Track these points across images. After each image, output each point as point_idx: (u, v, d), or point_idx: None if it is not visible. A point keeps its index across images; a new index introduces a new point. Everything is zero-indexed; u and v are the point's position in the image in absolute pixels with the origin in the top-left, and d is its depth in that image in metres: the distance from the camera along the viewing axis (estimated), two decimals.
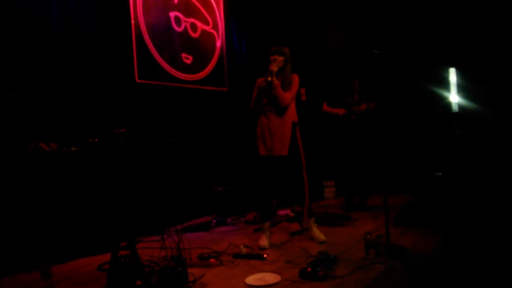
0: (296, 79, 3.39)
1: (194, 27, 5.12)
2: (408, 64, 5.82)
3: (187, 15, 5.02)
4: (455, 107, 5.99)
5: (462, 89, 5.94)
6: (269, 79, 3.21)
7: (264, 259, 3.00)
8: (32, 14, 3.45)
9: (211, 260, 2.97)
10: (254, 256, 3.06)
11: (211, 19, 5.39)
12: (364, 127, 4.65)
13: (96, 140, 2.63)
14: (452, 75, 6.00)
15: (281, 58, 3.31)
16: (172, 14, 4.81)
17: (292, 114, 3.40)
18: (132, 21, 4.30)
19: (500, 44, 5.41)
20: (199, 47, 5.19)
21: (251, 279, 2.58)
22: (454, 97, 5.99)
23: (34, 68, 3.42)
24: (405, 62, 5.78)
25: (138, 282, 2.42)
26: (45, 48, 3.33)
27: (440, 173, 5.60)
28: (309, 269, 2.56)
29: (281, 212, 4.53)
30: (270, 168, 3.39)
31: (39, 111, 3.38)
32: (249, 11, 6.04)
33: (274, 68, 3.25)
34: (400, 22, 5.94)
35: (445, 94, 6.00)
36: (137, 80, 4.30)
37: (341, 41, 6.34)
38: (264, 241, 3.34)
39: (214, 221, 4.37)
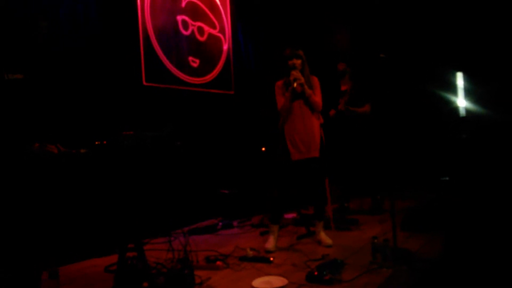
0: (317, 80, 3.42)
1: (201, 30, 5.15)
2: (416, 68, 5.81)
3: (194, 18, 5.05)
4: (462, 112, 5.97)
5: (470, 94, 5.92)
6: (295, 85, 3.22)
7: (270, 262, 2.99)
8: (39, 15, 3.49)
9: (218, 262, 2.97)
10: (261, 259, 3.06)
11: (218, 23, 5.42)
12: (356, 128, 4.58)
13: (104, 142, 2.65)
14: (460, 80, 5.98)
15: (299, 61, 3.31)
16: (179, 18, 4.84)
17: (318, 116, 3.43)
18: (140, 25, 4.34)
19: (507, 49, 5.39)
20: (206, 51, 5.21)
21: (257, 282, 2.58)
22: (461, 102, 5.96)
23: (42, 68, 3.46)
24: (412, 66, 5.77)
25: (145, 284, 2.43)
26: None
27: (447, 178, 5.57)
28: (316, 273, 2.56)
29: (288, 216, 4.52)
30: (300, 172, 3.38)
31: (48, 113, 3.41)
32: (256, 15, 6.07)
33: (299, 75, 3.24)
34: (408, 26, 5.94)
35: (453, 98, 5.98)
36: (145, 83, 4.33)
37: (348, 44, 6.34)
38: (270, 244, 3.33)
39: (220, 223, 4.37)
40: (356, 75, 4.73)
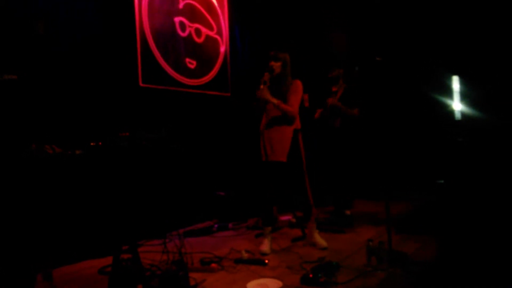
0: (299, 85, 3.37)
1: (198, 32, 5.15)
2: (412, 71, 5.83)
3: (192, 20, 5.05)
4: (458, 115, 5.99)
5: (465, 97, 5.94)
6: (261, 87, 3.23)
7: (265, 264, 2.99)
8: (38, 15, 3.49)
9: (213, 265, 2.97)
10: (256, 262, 3.05)
11: (215, 25, 5.42)
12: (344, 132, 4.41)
13: (100, 143, 2.65)
14: (455, 83, 6.00)
15: (278, 64, 3.31)
16: (176, 19, 4.84)
17: (292, 121, 3.36)
18: (137, 26, 4.33)
19: (503, 52, 5.42)
20: (203, 52, 5.21)
21: (252, 285, 2.58)
22: (457, 105, 5.99)
23: (38, 68, 3.45)
24: (408, 70, 5.79)
25: (140, 286, 2.42)
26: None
27: (442, 181, 5.58)
28: (311, 275, 2.56)
29: (283, 218, 4.52)
30: (270, 174, 3.39)
31: (43, 113, 3.40)
32: (253, 17, 6.08)
33: (266, 77, 3.25)
34: (404, 29, 5.96)
35: (448, 101, 6.00)
36: (141, 84, 4.33)
37: (344, 48, 6.36)
38: (265, 247, 3.33)
39: (215, 225, 4.36)
40: (349, 77, 4.68)
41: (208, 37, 5.30)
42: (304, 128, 3.50)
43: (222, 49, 5.53)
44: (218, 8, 5.49)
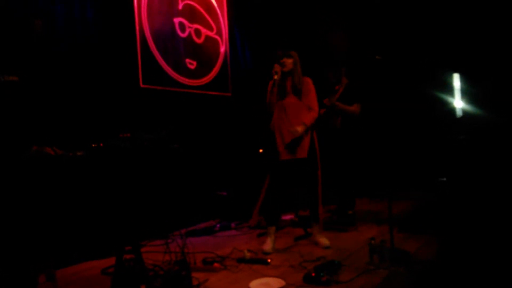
0: (310, 83, 3.43)
1: (198, 33, 5.15)
2: (412, 69, 5.83)
3: (192, 21, 5.06)
4: (459, 112, 5.99)
5: (466, 95, 5.94)
6: (275, 77, 3.26)
7: (268, 263, 2.99)
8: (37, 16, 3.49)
9: (215, 264, 2.97)
10: (258, 261, 3.06)
11: (215, 25, 5.43)
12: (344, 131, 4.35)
13: (101, 145, 2.65)
14: (456, 81, 6.00)
15: (290, 61, 3.35)
16: (176, 20, 4.85)
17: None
18: (137, 27, 4.34)
19: (504, 49, 5.41)
20: (203, 53, 5.22)
21: (255, 284, 2.58)
22: (458, 103, 5.98)
23: (38, 70, 3.45)
24: (408, 68, 5.79)
25: (143, 286, 2.43)
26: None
27: (444, 179, 5.58)
28: (313, 274, 2.56)
29: (286, 217, 4.52)
30: (290, 172, 3.41)
31: (44, 115, 3.41)
32: (253, 17, 6.09)
33: (277, 68, 3.29)
34: (404, 27, 5.96)
35: (449, 99, 6.00)
36: (142, 85, 4.33)
37: (344, 46, 6.36)
38: (268, 246, 3.34)
39: (218, 225, 4.37)
40: (351, 74, 4.66)
41: (207, 37, 5.30)
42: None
43: (222, 49, 5.54)
44: (217, 9, 5.49)
